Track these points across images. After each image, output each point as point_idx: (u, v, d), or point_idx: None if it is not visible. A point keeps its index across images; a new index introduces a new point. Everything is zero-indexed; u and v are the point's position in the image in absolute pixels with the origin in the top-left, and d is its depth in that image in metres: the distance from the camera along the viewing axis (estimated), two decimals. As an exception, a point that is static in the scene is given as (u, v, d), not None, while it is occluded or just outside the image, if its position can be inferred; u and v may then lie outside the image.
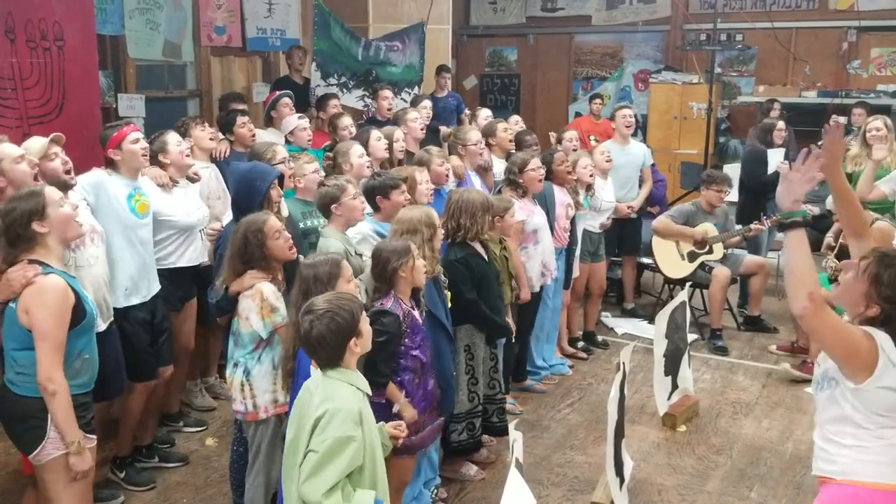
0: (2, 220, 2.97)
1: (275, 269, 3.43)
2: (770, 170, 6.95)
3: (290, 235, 3.52)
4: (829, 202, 5.94)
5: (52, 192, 3.02)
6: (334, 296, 2.70)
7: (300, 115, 5.90)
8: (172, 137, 4.35)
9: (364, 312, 2.68)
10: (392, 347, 3.32)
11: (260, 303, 3.30)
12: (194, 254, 4.41)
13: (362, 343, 2.63)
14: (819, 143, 7.39)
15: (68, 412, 2.91)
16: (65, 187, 3.45)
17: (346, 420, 2.46)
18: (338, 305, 2.57)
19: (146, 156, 4.07)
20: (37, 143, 3.55)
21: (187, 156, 4.40)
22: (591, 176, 5.77)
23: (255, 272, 3.36)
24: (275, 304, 3.31)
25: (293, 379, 3.05)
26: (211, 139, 4.88)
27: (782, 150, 7.11)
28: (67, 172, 3.63)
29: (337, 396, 2.52)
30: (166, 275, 4.25)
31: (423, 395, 3.48)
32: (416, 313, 3.45)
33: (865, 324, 2.46)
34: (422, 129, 6.18)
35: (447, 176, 5.14)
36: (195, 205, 4.41)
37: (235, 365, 3.42)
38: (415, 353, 3.41)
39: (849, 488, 2.44)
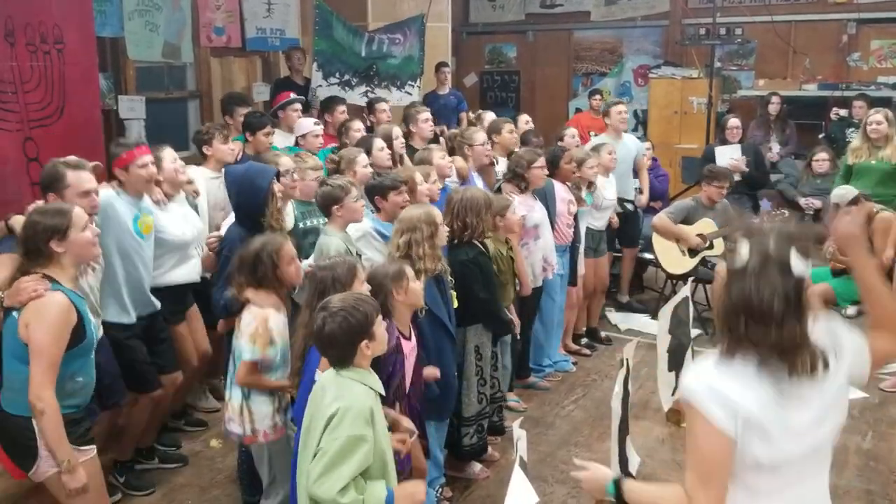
0: (23, 232, 2.96)
1: (281, 292, 3.37)
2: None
3: (300, 265, 3.46)
4: (833, 195, 5.95)
5: (79, 215, 3.00)
6: (351, 296, 2.70)
7: (316, 121, 5.87)
8: (168, 154, 4.25)
9: (380, 316, 2.66)
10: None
11: (261, 329, 3.22)
12: (190, 272, 4.30)
13: (374, 346, 2.62)
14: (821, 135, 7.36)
15: (57, 432, 2.86)
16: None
17: (358, 419, 2.47)
18: (353, 306, 2.58)
19: (152, 181, 4.00)
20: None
21: (182, 172, 4.31)
22: (595, 175, 5.76)
23: (264, 293, 3.29)
24: (274, 339, 3.24)
25: (300, 378, 3.05)
26: (231, 151, 4.89)
27: (737, 147, 7.20)
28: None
29: (349, 395, 2.52)
30: (162, 290, 4.15)
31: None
32: (403, 343, 3.28)
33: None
34: (430, 131, 6.15)
35: (450, 167, 5.16)
36: (190, 222, 4.31)
37: (234, 386, 3.36)
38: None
39: None
